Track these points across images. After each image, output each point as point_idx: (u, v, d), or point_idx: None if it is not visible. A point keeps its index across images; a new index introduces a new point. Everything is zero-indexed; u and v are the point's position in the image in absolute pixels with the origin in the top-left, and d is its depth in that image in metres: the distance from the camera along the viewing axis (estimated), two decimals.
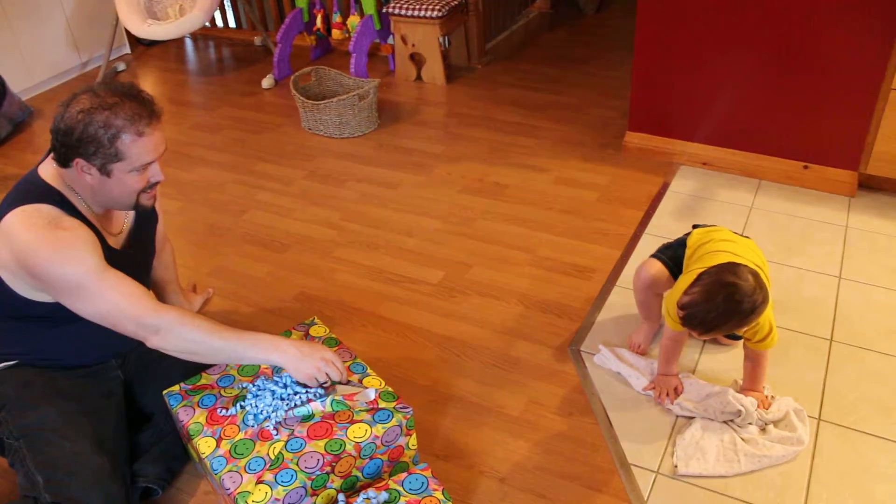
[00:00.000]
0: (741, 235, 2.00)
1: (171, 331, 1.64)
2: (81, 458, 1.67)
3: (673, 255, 2.05)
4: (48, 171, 1.71)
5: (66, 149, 1.61)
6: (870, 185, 2.82)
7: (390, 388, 1.76)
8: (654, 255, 2.09)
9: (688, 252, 2.01)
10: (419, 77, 4.10)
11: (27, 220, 1.63)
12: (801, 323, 2.24)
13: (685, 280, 1.85)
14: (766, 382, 2.00)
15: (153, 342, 1.67)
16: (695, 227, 2.07)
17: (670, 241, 2.11)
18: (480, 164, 3.23)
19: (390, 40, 4.19)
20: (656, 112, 3.07)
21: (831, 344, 2.17)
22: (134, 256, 1.87)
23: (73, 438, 1.70)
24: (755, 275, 1.73)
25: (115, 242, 1.82)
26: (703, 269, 1.80)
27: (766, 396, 1.97)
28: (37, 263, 1.61)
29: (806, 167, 2.85)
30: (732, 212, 2.77)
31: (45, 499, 1.61)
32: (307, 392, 1.73)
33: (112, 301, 1.64)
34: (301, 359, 1.67)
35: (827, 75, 2.64)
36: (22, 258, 1.62)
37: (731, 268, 1.75)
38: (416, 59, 4.07)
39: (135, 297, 1.65)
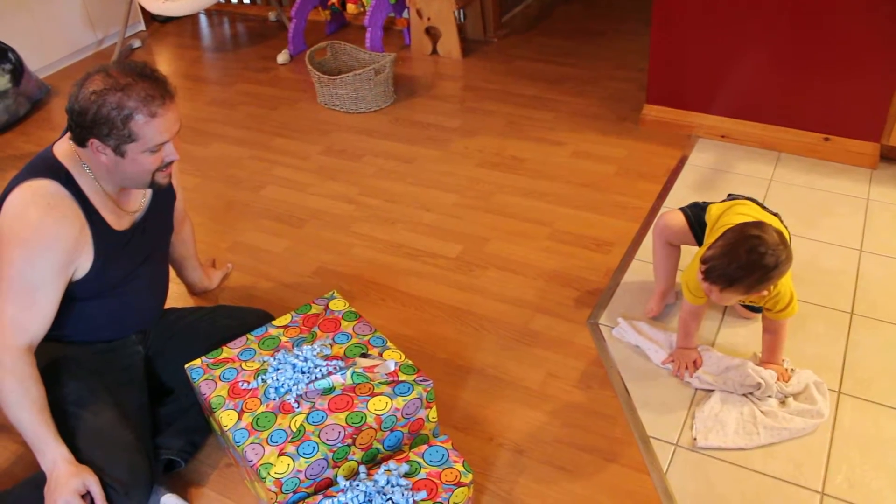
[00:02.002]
0: (769, 212, 1.98)
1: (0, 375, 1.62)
2: (105, 431, 1.70)
3: (698, 214, 2.04)
4: (62, 148, 1.72)
5: (81, 129, 1.61)
6: (892, 156, 2.78)
7: (410, 361, 1.76)
8: (681, 208, 2.09)
9: (709, 224, 2.00)
10: (435, 51, 4.07)
11: (25, 199, 1.64)
12: (821, 296, 2.23)
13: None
14: (786, 355, 1.99)
15: None
16: (730, 196, 2.06)
17: (702, 201, 2.10)
18: (497, 138, 3.21)
19: (405, 14, 4.16)
20: (674, 84, 3.04)
21: (852, 317, 2.15)
22: (144, 235, 1.88)
23: (97, 412, 1.73)
24: (780, 233, 1.73)
25: (128, 221, 1.83)
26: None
27: (786, 369, 1.97)
28: (8, 243, 1.64)
29: (827, 139, 2.82)
30: (752, 185, 2.75)
31: None
32: (327, 365, 1.75)
33: (3, 306, 1.64)
34: (49, 489, 1.60)
35: (848, 45, 2.60)
36: (2, 233, 1.65)
37: (757, 223, 1.75)
38: (432, 33, 4.04)
39: (18, 327, 1.64)
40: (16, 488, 1.74)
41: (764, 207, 1.99)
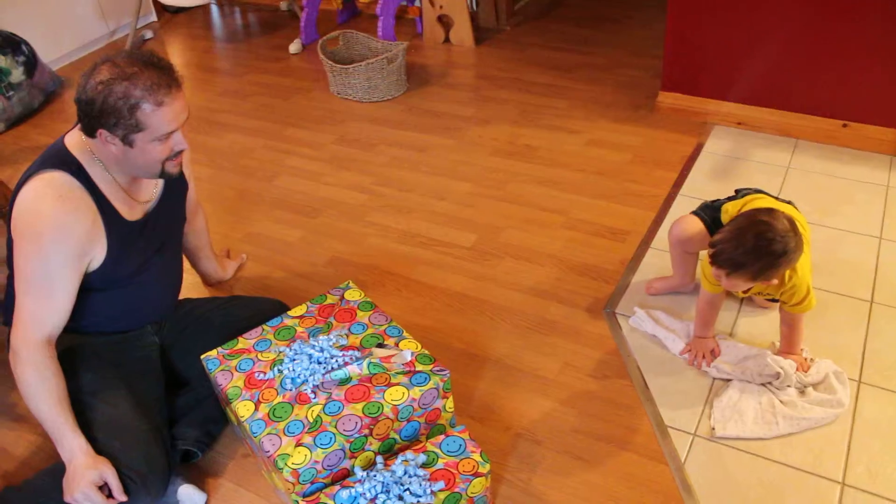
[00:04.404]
0: (781, 200, 1.96)
1: (19, 366, 1.64)
2: (122, 422, 1.70)
3: (713, 216, 2.02)
4: (73, 139, 1.72)
5: (90, 119, 1.61)
6: None
7: (426, 351, 1.75)
8: (693, 212, 2.06)
9: (724, 217, 1.98)
10: (447, 39, 4.05)
11: (37, 191, 1.64)
12: (840, 284, 2.20)
13: None
14: (805, 345, 1.97)
15: (9, 358, 1.66)
16: (737, 191, 2.03)
17: (713, 200, 2.07)
18: (511, 127, 3.20)
19: (417, 2, 4.14)
20: (690, 71, 3.01)
21: (871, 305, 2.13)
22: (157, 226, 1.88)
23: (114, 402, 1.73)
24: (791, 221, 1.70)
25: (140, 211, 1.82)
26: None
27: (805, 359, 1.95)
28: (22, 237, 1.65)
29: (845, 125, 2.79)
30: (768, 172, 2.72)
31: None
32: (344, 355, 1.74)
33: (23, 299, 1.66)
34: (67, 480, 1.61)
35: (867, 28, 2.56)
36: (17, 227, 1.66)
37: (768, 210, 1.73)
38: (444, 21, 4.02)
39: (38, 319, 1.66)
40: (36, 478, 1.75)
41: (776, 198, 1.97)
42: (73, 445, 1.62)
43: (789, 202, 1.98)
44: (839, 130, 2.80)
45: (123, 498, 1.61)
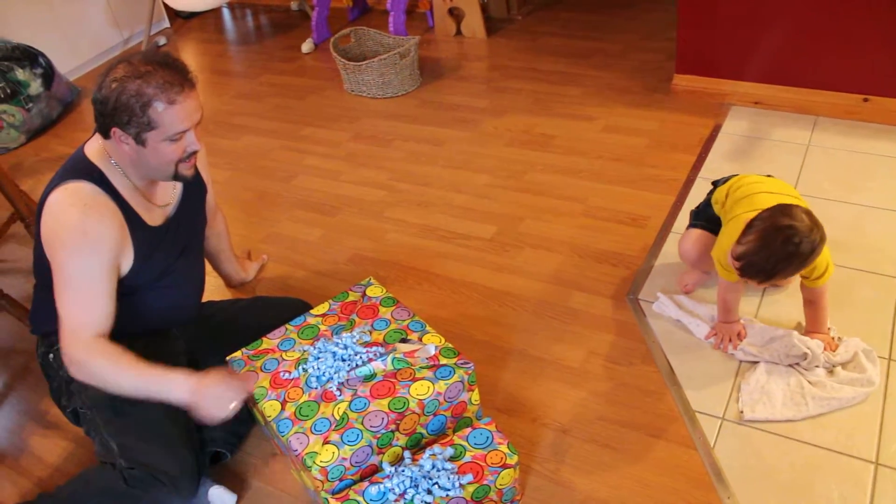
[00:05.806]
0: (763, 176, 1.96)
1: (86, 367, 1.64)
2: (152, 425, 1.72)
3: (707, 216, 2.02)
4: (92, 147, 1.73)
5: (104, 118, 1.62)
6: None
7: (450, 345, 1.75)
8: (689, 226, 2.06)
9: (716, 207, 1.98)
10: (459, 32, 4.04)
11: (63, 201, 1.65)
12: (866, 262, 2.17)
13: (730, 228, 1.81)
14: (832, 323, 1.95)
15: (72, 372, 1.66)
16: (714, 183, 2.05)
17: (697, 205, 2.10)
18: (526, 117, 3.18)
19: None
20: (704, 52, 2.98)
21: None
22: (179, 230, 1.88)
23: (143, 407, 1.74)
24: (809, 213, 1.68)
25: (161, 215, 1.84)
26: (746, 213, 1.76)
27: (833, 338, 1.92)
28: (54, 248, 1.65)
29: (865, 100, 2.75)
30: (788, 151, 2.69)
31: (122, 464, 1.66)
32: (367, 352, 1.74)
33: (65, 309, 1.66)
34: (194, 398, 1.63)
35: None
36: (48, 239, 1.66)
37: (784, 209, 1.68)
38: (455, 14, 4.00)
39: (83, 323, 1.65)
40: (68, 484, 1.77)
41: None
42: (180, 380, 1.64)
43: (769, 175, 1.97)
44: (860, 105, 2.76)
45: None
